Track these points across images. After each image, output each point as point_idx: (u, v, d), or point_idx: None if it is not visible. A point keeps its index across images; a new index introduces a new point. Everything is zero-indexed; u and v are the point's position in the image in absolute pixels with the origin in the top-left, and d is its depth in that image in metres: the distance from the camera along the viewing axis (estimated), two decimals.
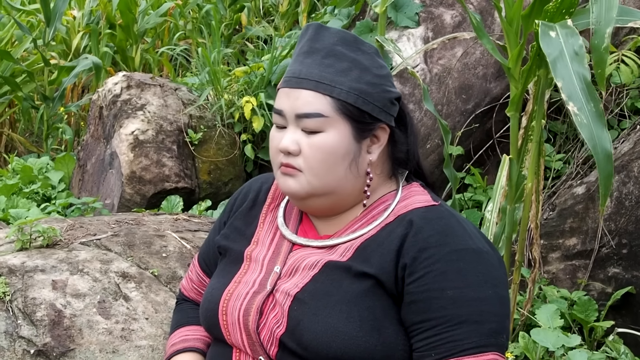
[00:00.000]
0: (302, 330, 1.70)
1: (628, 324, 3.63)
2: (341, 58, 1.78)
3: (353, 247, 1.78)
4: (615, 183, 3.85)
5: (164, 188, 4.95)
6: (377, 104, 1.78)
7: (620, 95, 4.54)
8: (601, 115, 2.54)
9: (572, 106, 2.54)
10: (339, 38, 1.80)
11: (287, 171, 1.79)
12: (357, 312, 1.69)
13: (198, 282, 2.14)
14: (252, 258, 1.90)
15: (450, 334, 1.64)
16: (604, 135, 2.51)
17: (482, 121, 4.72)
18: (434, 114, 3.38)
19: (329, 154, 1.76)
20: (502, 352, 1.67)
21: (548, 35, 2.70)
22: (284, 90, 1.80)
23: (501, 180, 3.38)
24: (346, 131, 1.76)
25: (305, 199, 1.83)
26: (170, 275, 2.89)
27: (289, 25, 7.72)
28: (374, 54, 1.83)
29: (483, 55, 4.74)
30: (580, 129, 2.53)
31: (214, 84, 5.36)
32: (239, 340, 1.80)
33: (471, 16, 3.19)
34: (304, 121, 1.76)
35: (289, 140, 1.78)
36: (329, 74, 1.76)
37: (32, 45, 7.00)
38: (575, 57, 2.63)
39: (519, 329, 3.48)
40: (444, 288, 1.66)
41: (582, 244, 3.90)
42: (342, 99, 1.75)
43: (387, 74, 1.83)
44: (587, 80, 2.59)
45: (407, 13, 4.90)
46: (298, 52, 1.83)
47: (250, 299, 1.80)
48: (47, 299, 2.61)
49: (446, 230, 1.73)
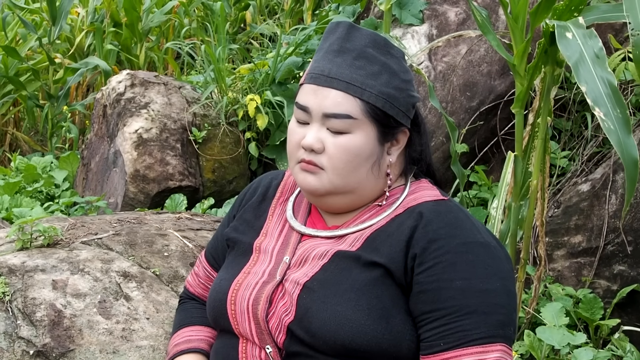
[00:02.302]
0: (311, 318, 1.72)
1: (634, 321, 3.62)
2: (372, 61, 1.79)
3: (362, 237, 1.80)
4: (620, 180, 3.83)
5: (168, 186, 4.94)
6: (402, 109, 1.80)
7: (625, 92, 4.51)
8: (627, 121, 2.53)
9: (599, 112, 2.53)
10: (371, 40, 1.81)
11: (309, 168, 1.81)
12: (366, 300, 1.70)
13: (205, 277, 2.14)
14: (261, 249, 1.92)
15: (458, 324, 1.65)
16: (631, 142, 2.51)
17: (486, 119, 4.70)
18: (440, 110, 3.37)
19: (355, 155, 1.78)
20: (509, 344, 1.68)
21: (565, 37, 2.68)
22: (311, 86, 1.80)
23: (506, 177, 3.36)
24: (372, 134, 1.78)
25: (323, 196, 1.84)
26: (172, 274, 2.87)
27: (294, 23, 7.72)
28: (401, 58, 1.84)
29: (487, 53, 4.71)
30: (608, 135, 2.52)
31: (218, 82, 5.34)
32: (247, 330, 1.81)
33: (475, 12, 3.17)
34: (331, 121, 1.77)
35: (314, 137, 1.79)
36: (360, 76, 1.77)
37: (37, 44, 7.01)
38: (597, 61, 2.61)
39: (525, 327, 3.47)
40: (453, 279, 1.68)
41: (587, 241, 3.88)
42: (372, 102, 1.76)
43: (412, 78, 1.85)
44: (613, 85, 2.57)
45: (412, 10, 4.89)
46: (327, 49, 1.83)
47: (260, 289, 1.82)
48: (47, 299, 2.59)
49: (455, 223, 1.75)
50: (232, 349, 1.85)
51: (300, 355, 1.75)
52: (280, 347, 1.77)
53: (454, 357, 1.65)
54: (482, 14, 3.20)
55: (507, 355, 1.66)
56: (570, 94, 4.64)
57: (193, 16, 8.19)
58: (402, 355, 1.71)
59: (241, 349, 1.83)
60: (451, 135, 3.38)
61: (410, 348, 1.71)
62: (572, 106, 4.67)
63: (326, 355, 1.72)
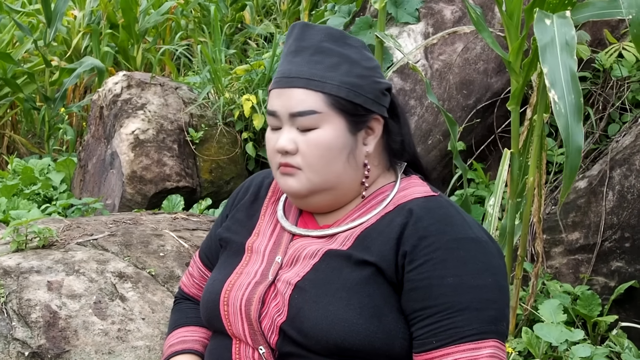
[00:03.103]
0: (303, 318, 1.71)
1: (632, 318, 3.61)
2: (329, 54, 1.79)
3: (353, 235, 1.80)
4: (617, 177, 3.83)
5: (165, 187, 4.94)
6: (368, 96, 1.79)
7: (621, 89, 4.51)
8: (580, 109, 2.60)
9: (553, 94, 2.61)
10: (326, 34, 1.81)
11: (287, 170, 1.81)
12: (357, 299, 1.70)
13: (199, 276, 2.14)
14: (253, 249, 1.92)
15: (451, 321, 1.65)
16: (579, 129, 2.58)
17: (483, 116, 4.69)
18: (438, 106, 3.36)
19: (327, 149, 1.77)
20: (502, 340, 1.68)
21: (543, 22, 2.75)
22: (275, 91, 1.81)
23: (502, 174, 3.36)
24: (341, 125, 1.78)
25: (306, 197, 1.84)
26: (167, 274, 2.87)
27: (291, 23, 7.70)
28: (361, 47, 1.84)
29: (484, 51, 4.71)
30: (557, 117, 2.59)
31: (215, 82, 5.34)
32: (239, 330, 1.80)
33: (470, 10, 3.16)
34: (298, 120, 1.77)
35: (285, 139, 1.79)
36: (319, 70, 1.77)
37: (33, 47, 7.00)
38: (565, 47, 2.68)
39: (522, 324, 3.46)
40: (444, 275, 1.67)
41: (584, 238, 3.88)
42: (334, 94, 1.76)
43: (376, 65, 1.85)
44: (573, 72, 2.64)
45: (408, 9, 4.88)
46: (286, 52, 1.84)
47: (252, 289, 1.81)
48: (42, 300, 2.59)
49: (446, 219, 1.75)
50: (225, 350, 1.85)
51: (293, 356, 1.74)
52: (273, 348, 1.77)
53: (447, 355, 1.64)
54: (477, 11, 3.21)
55: (500, 350, 1.66)
56: None
57: (190, 17, 8.19)
58: (395, 354, 1.70)
59: (234, 349, 1.83)
60: (451, 131, 3.38)
61: (403, 346, 1.70)
62: None
63: (319, 355, 1.71)
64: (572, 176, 2.63)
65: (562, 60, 2.65)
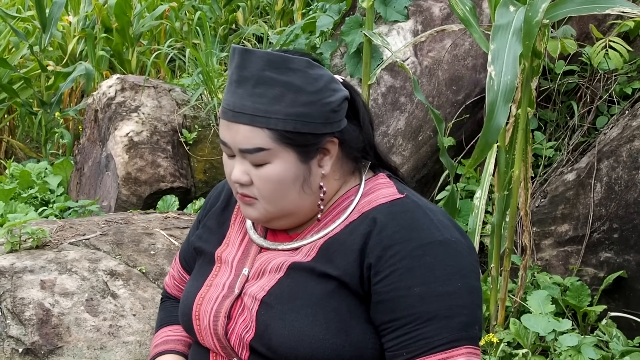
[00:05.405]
0: (270, 335, 1.69)
1: (621, 307, 3.65)
2: (272, 84, 1.70)
3: (316, 246, 1.76)
4: (604, 169, 3.87)
5: (160, 188, 4.98)
6: (317, 121, 1.71)
7: (609, 82, 4.55)
8: (512, 90, 2.70)
9: (492, 69, 2.72)
10: (266, 62, 1.71)
11: (245, 200, 1.78)
12: (323, 314, 1.67)
13: (179, 279, 2.14)
14: (222, 259, 1.90)
15: (420, 332, 1.62)
16: (505, 110, 2.70)
17: (472, 112, 4.73)
18: (425, 103, 3.40)
19: (278, 183, 1.73)
20: (475, 344, 1.65)
21: (506, 7, 2.87)
22: (223, 122, 1.75)
23: (489, 168, 3.40)
24: (291, 158, 1.72)
25: (268, 222, 1.82)
26: (158, 272, 2.91)
27: (285, 24, 7.76)
28: (305, 69, 1.72)
29: (472, 47, 4.75)
30: (488, 92, 2.70)
31: (207, 83, 5.38)
32: (211, 344, 1.81)
33: (456, 6, 3.21)
34: (247, 156, 1.72)
35: (239, 172, 1.75)
36: (262, 104, 1.69)
37: (29, 52, 7.05)
38: (517, 32, 2.78)
39: (512, 316, 3.50)
40: (410, 286, 1.63)
41: (573, 230, 3.92)
42: (280, 129, 1.68)
43: (324, 84, 1.74)
44: (516, 56, 2.75)
45: (396, 7, 4.91)
46: (229, 80, 1.77)
47: (220, 304, 1.80)
48: (35, 298, 2.64)
49: (411, 224, 1.70)
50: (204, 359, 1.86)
51: None
52: None
53: None
54: (467, 6, 3.24)
55: (473, 356, 1.64)
56: (555, 85, 4.68)
57: (184, 19, 8.23)
58: None
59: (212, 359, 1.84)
60: (438, 128, 3.41)
61: (374, 356, 1.69)
62: (557, 97, 4.71)
63: None
64: (484, 152, 2.78)
65: (510, 43, 2.76)
